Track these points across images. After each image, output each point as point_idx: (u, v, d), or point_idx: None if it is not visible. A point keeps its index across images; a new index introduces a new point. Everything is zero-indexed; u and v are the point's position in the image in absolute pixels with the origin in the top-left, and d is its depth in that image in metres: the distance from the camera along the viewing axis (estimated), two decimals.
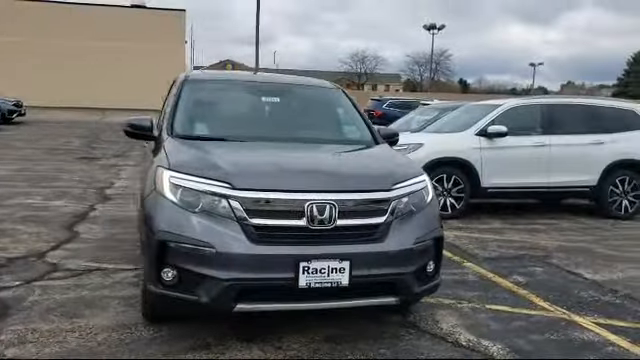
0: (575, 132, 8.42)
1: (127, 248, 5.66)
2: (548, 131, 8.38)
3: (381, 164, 3.86)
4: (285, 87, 4.92)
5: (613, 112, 8.79)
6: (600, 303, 4.56)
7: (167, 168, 3.44)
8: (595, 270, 5.50)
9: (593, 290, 4.89)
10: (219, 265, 3.15)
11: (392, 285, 3.40)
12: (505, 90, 75.70)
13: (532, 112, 8.51)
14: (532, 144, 8.22)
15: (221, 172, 3.34)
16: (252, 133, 4.28)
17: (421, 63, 71.92)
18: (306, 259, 3.17)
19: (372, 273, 3.30)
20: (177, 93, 4.47)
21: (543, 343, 3.71)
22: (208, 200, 3.27)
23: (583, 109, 8.72)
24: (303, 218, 3.24)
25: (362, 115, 4.79)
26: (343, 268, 3.21)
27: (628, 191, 8.49)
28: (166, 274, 3.25)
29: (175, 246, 3.22)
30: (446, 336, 3.76)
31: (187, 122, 4.27)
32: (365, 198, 3.39)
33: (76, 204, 7.83)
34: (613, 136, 8.51)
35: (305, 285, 3.18)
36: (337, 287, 3.23)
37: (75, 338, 3.49)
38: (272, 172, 3.44)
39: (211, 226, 3.21)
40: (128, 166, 12.37)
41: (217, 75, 5.52)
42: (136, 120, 4.30)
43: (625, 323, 4.14)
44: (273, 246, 3.20)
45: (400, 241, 3.40)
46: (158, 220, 3.31)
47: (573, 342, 3.75)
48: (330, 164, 3.78)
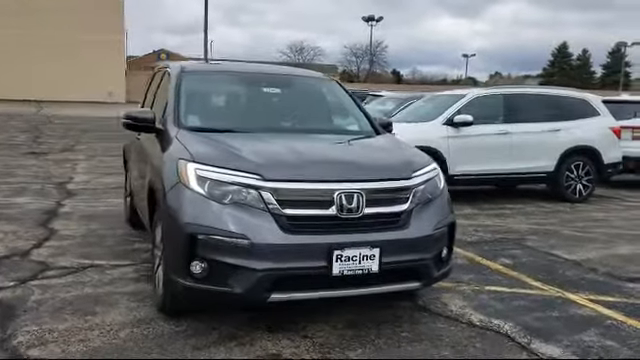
0: (534, 120, 8.83)
1: (112, 244, 5.53)
2: (509, 119, 8.75)
3: (397, 153, 3.96)
4: (283, 78, 4.94)
5: (568, 101, 9.27)
6: (586, 281, 4.86)
7: (191, 160, 3.41)
8: (570, 251, 5.83)
9: (575, 269, 5.20)
10: (253, 256, 3.16)
11: (416, 270, 3.52)
12: (437, 81, 77.54)
13: (494, 101, 8.86)
14: (495, 132, 8.56)
15: (249, 164, 3.34)
16: (258, 124, 4.28)
17: (358, 54, 72.60)
18: (339, 247, 3.23)
19: (399, 259, 3.40)
20: (176, 85, 4.38)
21: (548, 320, 3.93)
22: (237, 192, 3.27)
23: (541, 98, 9.16)
24: (332, 207, 3.30)
25: (359, 105, 4.87)
26: (373, 255, 3.30)
27: (582, 176, 8.99)
28: (196, 267, 3.24)
29: (206, 238, 3.21)
30: (459, 317, 3.92)
31: (193, 114, 4.22)
32: (389, 187, 3.49)
33: (41, 200, 7.53)
34: (568, 124, 8.99)
35: (338, 273, 3.24)
36: (368, 274, 3.31)
37: (97, 336, 3.40)
38: (299, 163, 3.47)
39: (243, 217, 3.21)
40: (80, 160, 11.96)
41: (213, 66, 5.44)
42: (137, 113, 4.22)
43: (614, 298, 4.43)
44: (305, 235, 3.24)
45: (421, 228, 3.52)
46: (186, 213, 3.28)
47: (575, 318, 4.00)
48: (351, 154, 3.84)
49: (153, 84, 5.68)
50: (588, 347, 3.51)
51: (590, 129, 9.10)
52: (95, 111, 29.70)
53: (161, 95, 4.87)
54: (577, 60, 75.95)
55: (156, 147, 4.12)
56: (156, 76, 5.65)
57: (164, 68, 5.25)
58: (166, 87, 4.66)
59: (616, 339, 3.64)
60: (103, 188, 8.74)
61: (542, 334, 3.67)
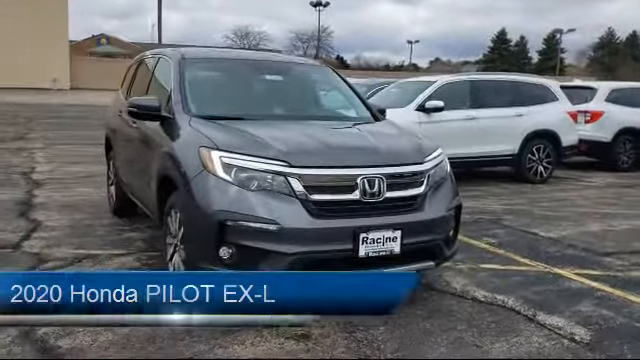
0: (499, 105, 9.19)
1: (102, 233, 5.47)
2: (476, 105, 9.08)
3: (408, 138, 4.11)
4: (282, 65, 4.99)
5: (529, 87, 9.69)
6: (568, 257, 5.18)
7: (215, 148, 3.45)
8: (546, 229, 6.17)
9: (555, 246, 5.52)
10: (284, 240, 3.25)
11: (431, 250, 3.70)
12: (380, 67, 78.37)
13: (462, 88, 9.15)
14: (463, 117, 8.86)
15: (275, 151, 3.41)
16: (266, 111, 4.34)
17: (304, 40, 72.49)
18: (364, 230, 3.36)
19: (417, 240, 3.56)
20: (180, 72, 4.36)
21: (546, 294, 4.19)
22: (264, 178, 3.34)
23: (504, 84, 9.55)
24: (356, 192, 3.42)
25: (356, 91, 4.99)
26: (395, 237, 3.44)
27: (542, 158, 9.45)
28: (225, 252, 3.29)
29: (235, 224, 3.27)
30: (464, 294, 4.13)
31: (201, 102, 4.21)
32: (406, 171, 3.64)
33: (10, 191, 7.30)
34: (530, 108, 9.40)
35: (364, 255, 3.37)
36: (390, 255, 3.46)
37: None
38: (322, 149, 3.56)
39: (272, 203, 3.29)
40: (37, 149, 11.55)
41: (212, 53, 5.40)
42: (143, 100, 4.20)
43: (597, 272, 4.76)
44: (332, 220, 3.35)
45: (436, 210, 3.70)
46: (214, 200, 3.33)
47: (569, 291, 4.28)
48: (367, 140, 3.95)
49: (141, 71, 5.61)
50: (588, 317, 3.78)
51: (550, 114, 9.55)
52: (41, 98, 28.51)
53: (158, 83, 4.83)
54: (515, 46, 78.45)
55: (163, 135, 4.11)
56: (144, 63, 5.58)
57: (157, 55, 5.20)
58: (165, 75, 4.62)
59: (610, 309, 3.93)
60: (72, 177, 8.52)
61: (544, 307, 3.92)
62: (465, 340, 3.39)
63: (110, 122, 6.06)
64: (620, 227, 6.42)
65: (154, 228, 5.62)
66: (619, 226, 6.47)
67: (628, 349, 3.33)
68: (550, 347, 3.34)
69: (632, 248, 5.51)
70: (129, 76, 6.05)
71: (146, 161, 4.50)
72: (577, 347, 3.35)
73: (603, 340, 3.44)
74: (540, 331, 3.55)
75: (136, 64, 5.92)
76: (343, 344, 3.29)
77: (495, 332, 3.52)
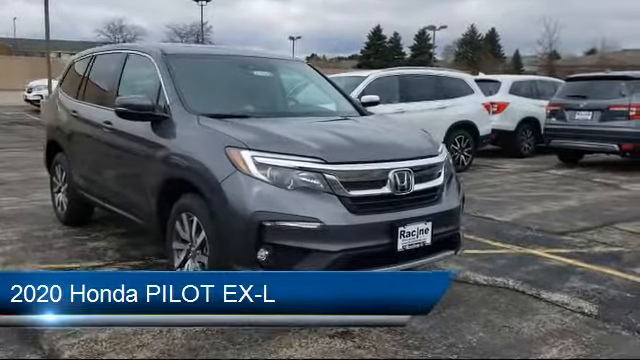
0: (425, 99, 9.61)
1: (64, 245, 5.05)
2: (404, 99, 9.42)
3: (418, 132, 4.19)
4: (267, 62, 4.86)
5: (449, 81, 10.21)
6: (531, 238, 5.56)
7: (245, 148, 3.30)
8: (498, 214, 6.56)
9: (515, 229, 5.89)
10: (326, 238, 3.20)
11: (451, 240, 3.80)
12: None
13: (392, 82, 9.44)
14: (394, 111, 9.11)
15: (308, 148, 3.34)
16: (265, 109, 4.24)
17: (182, 34, 70.30)
18: (402, 224, 3.39)
19: (443, 231, 3.65)
20: (166, 69, 4.09)
21: (536, 273, 4.47)
22: (300, 176, 3.26)
23: (429, 78, 9.99)
24: (388, 186, 3.43)
25: (337, 86, 4.99)
26: (427, 229, 3.51)
27: (464, 147, 10.02)
28: (263, 253, 3.18)
29: (274, 225, 3.17)
30: (465, 279, 4.30)
31: (202, 100, 4.00)
32: (429, 163, 3.71)
33: None
34: (452, 101, 9.92)
35: (402, 248, 3.40)
36: (422, 246, 3.52)
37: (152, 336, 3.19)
38: (349, 145, 3.52)
39: (311, 201, 3.22)
40: None
41: (193, 49, 5.07)
42: (134, 99, 3.90)
43: (565, 250, 5.15)
44: (369, 215, 3.34)
45: (453, 200, 3.83)
46: (252, 201, 3.20)
47: (553, 269, 4.60)
48: (386, 135, 3.96)
49: (96, 69, 5.19)
50: (584, 291, 4.10)
51: (469, 106, 10.14)
52: None
53: (133, 81, 4.53)
54: (390, 43, 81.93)
55: (160, 136, 3.86)
56: (101, 60, 5.17)
57: (122, 51, 4.85)
58: (145, 72, 4.33)
59: (598, 283, 4.28)
60: None
61: (541, 285, 4.19)
62: (495, 323, 3.55)
63: (59, 124, 5.54)
64: (555, 208, 6.99)
65: (117, 235, 5.30)
66: (553, 207, 7.04)
67: (634, 317, 3.66)
68: (570, 322, 3.58)
69: (578, 227, 6.02)
70: (75, 75, 5.58)
71: (132, 165, 4.20)
72: (592, 320, 3.62)
73: (608, 311, 3.75)
74: (552, 308, 3.80)
75: (85, 61, 5.47)
76: (387, 337, 3.30)
77: (516, 313, 3.71)
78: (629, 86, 10.07)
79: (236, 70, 4.57)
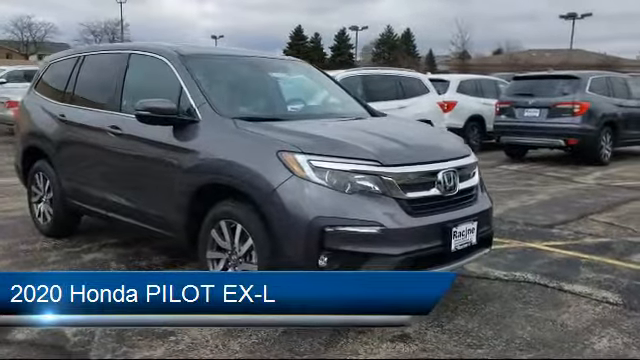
0: (386, 98, 9.71)
1: (56, 259, 4.73)
2: (367, 98, 9.42)
3: (448, 133, 4.22)
4: (279, 63, 4.75)
5: (407, 80, 10.41)
6: (523, 232, 5.75)
7: (299, 152, 3.20)
8: None
9: (504, 224, 6.04)
10: (387, 242, 3.16)
11: (487, 238, 3.86)
12: None
13: (355, 82, 9.46)
14: None
15: (364, 151, 3.29)
16: (290, 111, 4.10)
17: (97, 33, 67.37)
18: (454, 224, 3.41)
19: (484, 229, 3.71)
20: (187, 71, 3.88)
21: (547, 266, 4.63)
22: (358, 179, 3.20)
23: (389, 78, 10.12)
24: (438, 187, 3.44)
25: (343, 87, 4.95)
26: (474, 228, 3.55)
27: None
28: (324, 259, 3.11)
29: (334, 230, 3.10)
30: (486, 275, 4.39)
31: (232, 103, 3.87)
32: (467, 163, 3.75)
33: None
34: (411, 100, 10.10)
35: (454, 248, 3.42)
36: (470, 246, 3.55)
37: (210, 351, 3.02)
38: (398, 147, 3.49)
39: (370, 204, 3.18)
40: None
41: (206, 50, 4.78)
42: (160, 103, 3.68)
43: (560, 242, 5.38)
44: (425, 217, 3.34)
45: (487, 199, 3.90)
46: (311, 206, 3.12)
47: (561, 261, 4.78)
48: (425, 136, 3.95)
49: (87, 71, 4.85)
50: (599, 282, 4.29)
51: (425, 105, 10.35)
52: None
53: (143, 84, 4.28)
54: (311, 42, 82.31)
55: (187, 141, 3.67)
56: (92, 62, 4.85)
57: (122, 51, 4.57)
58: (155, 73, 4.11)
59: (607, 273, 4.48)
60: None
61: (558, 277, 4.35)
62: (535, 317, 3.64)
63: (39, 129, 5.12)
64: (530, 202, 7.29)
65: (111, 246, 5.01)
66: (528, 201, 7.34)
67: None
68: (602, 312, 3.74)
69: (559, 219, 6.30)
70: (56, 77, 5.20)
71: (148, 171, 3.98)
72: (620, 309, 3.80)
73: (632, 300, 3.95)
74: (580, 299, 3.95)
75: (68, 62, 5.10)
76: (445, 338, 3.31)
77: (550, 306, 3.83)
78: (572, 84, 10.69)
79: (253, 71, 4.42)
